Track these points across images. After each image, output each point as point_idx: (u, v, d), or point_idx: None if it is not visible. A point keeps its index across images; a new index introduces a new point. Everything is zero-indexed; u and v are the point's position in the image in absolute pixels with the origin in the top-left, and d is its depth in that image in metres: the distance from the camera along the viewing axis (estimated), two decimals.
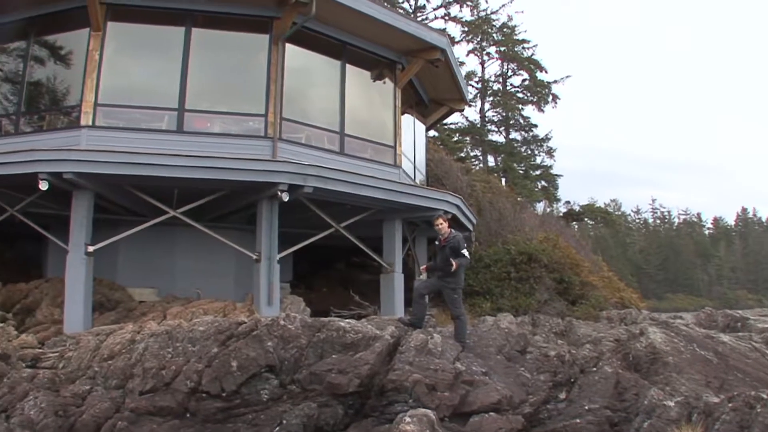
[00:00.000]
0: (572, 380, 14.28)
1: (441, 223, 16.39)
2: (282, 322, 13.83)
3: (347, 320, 14.65)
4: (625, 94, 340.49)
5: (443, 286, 15.96)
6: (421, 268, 17.60)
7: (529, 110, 61.79)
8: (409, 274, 23.37)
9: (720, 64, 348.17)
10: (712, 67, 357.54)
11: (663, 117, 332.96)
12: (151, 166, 17.76)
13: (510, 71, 62.36)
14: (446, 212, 22.09)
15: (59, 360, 14.92)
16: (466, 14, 60.40)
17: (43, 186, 17.38)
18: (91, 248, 18.03)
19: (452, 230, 16.37)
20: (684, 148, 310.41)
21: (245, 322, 14.03)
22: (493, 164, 60.16)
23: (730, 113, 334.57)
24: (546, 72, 60.99)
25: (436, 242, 16.33)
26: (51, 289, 20.39)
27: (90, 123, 19.62)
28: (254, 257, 18.91)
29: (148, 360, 13.38)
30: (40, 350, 15.79)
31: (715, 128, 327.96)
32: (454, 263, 15.42)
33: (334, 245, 23.07)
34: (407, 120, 26.35)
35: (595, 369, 14.44)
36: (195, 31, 20.72)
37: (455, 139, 58.36)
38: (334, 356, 13.36)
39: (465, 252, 15.64)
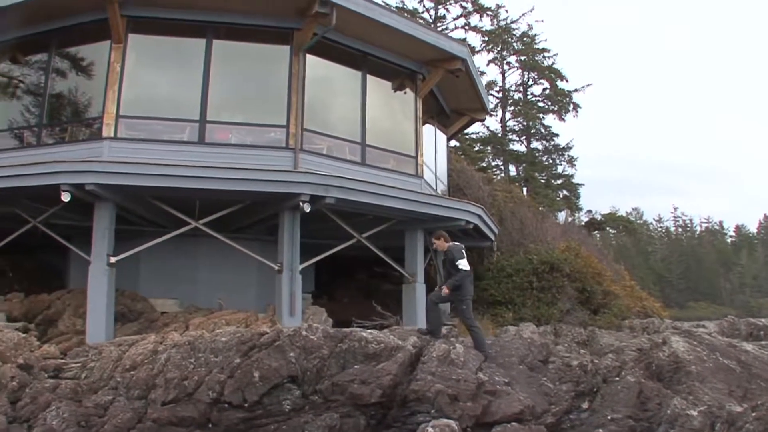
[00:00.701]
0: (595, 390, 14.22)
1: (434, 242, 16.72)
2: (304, 333, 13.84)
3: (369, 331, 14.63)
4: (648, 99, 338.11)
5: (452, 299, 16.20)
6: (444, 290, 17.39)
7: (550, 119, 61.60)
8: (430, 284, 23.33)
9: (742, 64, 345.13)
10: (740, 68, 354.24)
11: (687, 122, 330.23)
12: (173, 177, 17.86)
13: (530, 80, 62.10)
14: (468, 222, 22.11)
15: (81, 370, 14.97)
16: (486, 24, 60.39)
17: (66, 197, 17.48)
18: (113, 259, 18.12)
19: (451, 243, 16.51)
20: (706, 154, 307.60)
21: (267, 333, 14.03)
22: (515, 174, 60.00)
23: (754, 120, 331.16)
24: (566, 81, 60.75)
25: (443, 258, 16.74)
26: (73, 300, 20.46)
27: (112, 135, 19.70)
28: (276, 268, 18.93)
29: (171, 370, 13.41)
30: (63, 361, 15.83)
31: (739, 135, 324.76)
32: (444, 288, 15.77)
33: (356, 255, 23.08)
34: (428, 130, 26.32)
35: (617, 378, 14.36)
36: (216, 42, 20.79)
37: (476, 148, 58.21)
38: (356, 367, 13.35)
39: (460, 263, 15.73)
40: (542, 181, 59.42)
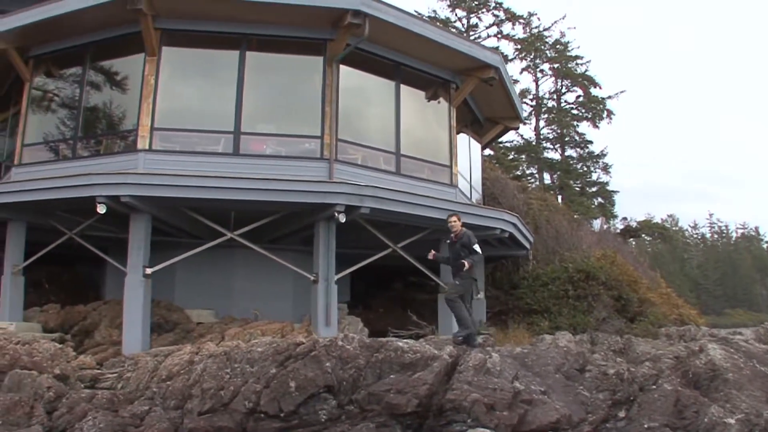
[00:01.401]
0: (631, 398, 14.13)
1: (455, 221, 16.98)
2: (340, 343, 13.83)
3: (405, 340, 14.62)
4: (683, 104, 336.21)
5: (460, 278, 16.61)
6: (431, 253, 17.70)
7: (584, 126, 61.46)
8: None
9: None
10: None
11: (720, 129, 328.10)
12: (209, 189, 17.97)
13: (564, 88, 62.06)
14: (503, 231, 22.07)
15: (118, 380, 15.06)
16: (518, 32, 60.56)
17: (101, 209, 17.63)
18: (149, 270, 18.23)
19: (464, 228, 16.94)
20: (740, 159, 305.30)
21: (303, 343, 14.03)
22: (549, 182, 59.88)
23: None
24: (600, 88, 60.68)
25: (448, 240, 17.06)
26: (109, 310, 20.58)
27: (147, 147, 19.83)
28: (312, 278, 18.97)
29: (207, 380, 13.43)
30: (99, 371, 15.95)
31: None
32: (466, 263, 16.11)
33: (391, 265, 23.04)
34: (462, 139, 26.29)
35: (654, 387, 14.27)
36: (249, 54, 20.89)
37: (511, 157, 58.12)
38: (392, 376, 13.32)
39: (476, 247, 16.43)
40: (577, 188, 59.31)
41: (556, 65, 61.22)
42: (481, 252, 16.88)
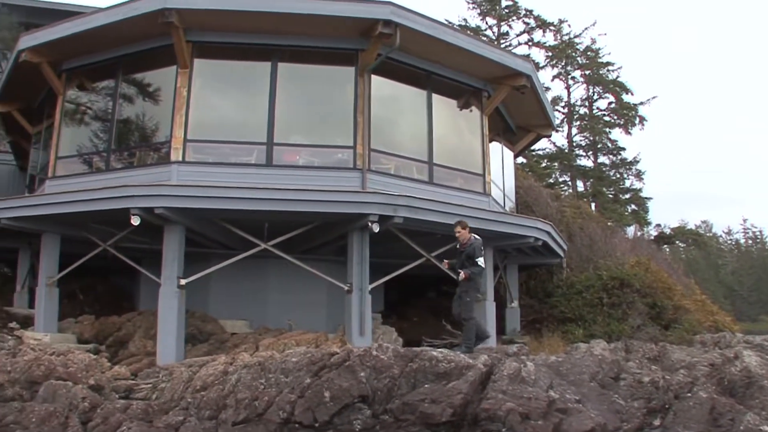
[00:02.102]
0: (666, 406, 14.03)
1: (459, 231, 17.11)
2: (374, 353, 13.80)
3: (439, 349, 14.59)
4: (717, 109, 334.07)
5: (459, 290, 16.86)
6: (444, 262, 17.75)
7: (616, 133, 61.23)
8: (500, 302, 23.31)
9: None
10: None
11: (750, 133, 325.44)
12: (242, 200, 18.04)
13: (596, 94, 61.88)
14: (537, 239, 22.01)
15: (152, 391, 15.11)
16: (549, 39, 60.45)
17: (135, 221, 17.76)
18: (183, 281, 18.32)
19: (473, 236, 17.08)
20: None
21: (338, 353, 14.01)
22: (582, 189, 59.69)
23: None
24: (632, 94, 60.42)
25: (458, 246, 17.17)
26: (144, 321, 20.69)
27: (180, 158, 19.94)
28: (345, 288, 18.97)
29: (241, 391, 13.44)
30: (133, 381, 16.02)
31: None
32: (462, 273, 16.51)
33: (425, 274, 23.01)
34: (495, 147, 26.24)
35: (689, 394, 14.17)
36: (281, 65, 20.96)
37: (543, 165, 58.01)
38: (426, 386, 13.28)
39: (479, 260, 16.63)
40: (610, 196, 59.06)
41: (587, 72, 61.07)
42: (483, 266, 16.97)
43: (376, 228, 18.13)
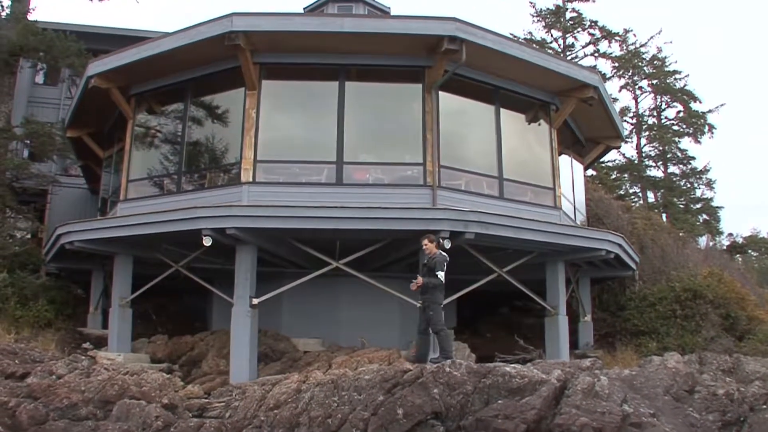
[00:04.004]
0: (742, 419, 13.85)
1: (427, 244, 16.92)
2: (448, 369, 13.77)
3: (512, 365, 14.52)
4: None
5: (425, 302, 16.69)
6: (412, 286, 17.11)
7: (686, 142, 60.52)
8: (573, 317, 23.14)
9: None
10: None
11: None
12: (313, 219, 18.17)
13: (663, 104, 61.24)
14: (608, 252, 21.83)
15: (225, 410, 15.17)
16: (615, 50, 59.87)
17: (207, 242, 17.93)
18: (255, 301, 18.48)
19: (439, 251, 16.92)
20: None
21: (411, 370, 14.00)
22: (653, 200, 59.13)
23: None
24: (700, 102, 59.75)
25: (425, 261, 16.97)
26: (216, 341, 20.85)
27: (250, 179, 20.09)
28: (418, 305, 18.94)
29: (314, 409, 13.48)
30: (207, 400, 16.11)
31: None
32: (415, 282, 16.51)
33: (497, 290, 22.93)
34: (564, 161, 26.04)
35: (765, 407, 13.96)
36: (348, 84, 21.08)
37: (613, 176, 57.52)
38: (500, 402, 13.20)
39: (439, 274, 16.48)
40: (681, 206, 58.42)
41: (654, 81, 60.47)
42: (442, 280, 16.74)
43: (447, 244, 18.05)
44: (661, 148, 60.16)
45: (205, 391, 17.13)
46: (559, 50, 56.80)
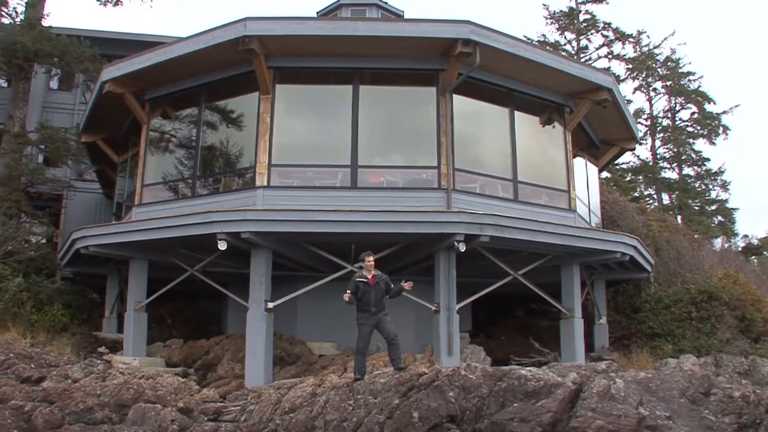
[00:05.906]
0: (758, 421, 13.86)
1: (371, 261, 16.25)
2: (463, 372, 13.79)
3: (528, 368, 14.52)
4: None
5: (381, 319, 16.36)
6: (345, 296, 15.98)
7: (700, 144, 60.33)
8: (588, 319, 23.09)
9: None
10: None
11: None
12: (328, 222, 18.21)
13: (678, 105, 61.06)
14: (623, 254, 21.76)
15: (241, 413, 15.24)
16: (628, 51, 59.68)
17: (222, 246, 17.96)
18: (270, 305, 18.52)
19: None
20: None
21: (426, 373, 14.02)
22: (668, 202, 58.95)
23: None
24: (714, 103, 59.56)
25: (362, 282, 16.08)
26: (231, 345, 20.92)
27: (265, 183, 20.12)
28: (433, 308, 18.95)
29: (330, 412, 13.50)
30: (222, 404, 16.22)
31: None
32: (404, 285, 16.32)
33: (512, 293, 22.97)
34: (579, 163, 26.02)
35: None
36: (362, 88, 21.09)
37: (628, 179, 57.38)
38: (515, 405, 13.21)
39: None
40: (696, 207, 58.24)
41: (668, 83, 60.31)
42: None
43: (462, 247, 18.07)
44: (675, 150, 60.02)
45: (221, 394, 17.22)
46: (573, 52, 56.74)
